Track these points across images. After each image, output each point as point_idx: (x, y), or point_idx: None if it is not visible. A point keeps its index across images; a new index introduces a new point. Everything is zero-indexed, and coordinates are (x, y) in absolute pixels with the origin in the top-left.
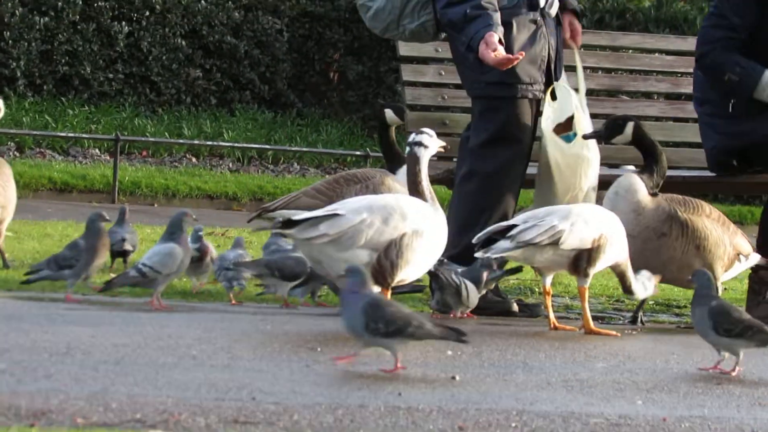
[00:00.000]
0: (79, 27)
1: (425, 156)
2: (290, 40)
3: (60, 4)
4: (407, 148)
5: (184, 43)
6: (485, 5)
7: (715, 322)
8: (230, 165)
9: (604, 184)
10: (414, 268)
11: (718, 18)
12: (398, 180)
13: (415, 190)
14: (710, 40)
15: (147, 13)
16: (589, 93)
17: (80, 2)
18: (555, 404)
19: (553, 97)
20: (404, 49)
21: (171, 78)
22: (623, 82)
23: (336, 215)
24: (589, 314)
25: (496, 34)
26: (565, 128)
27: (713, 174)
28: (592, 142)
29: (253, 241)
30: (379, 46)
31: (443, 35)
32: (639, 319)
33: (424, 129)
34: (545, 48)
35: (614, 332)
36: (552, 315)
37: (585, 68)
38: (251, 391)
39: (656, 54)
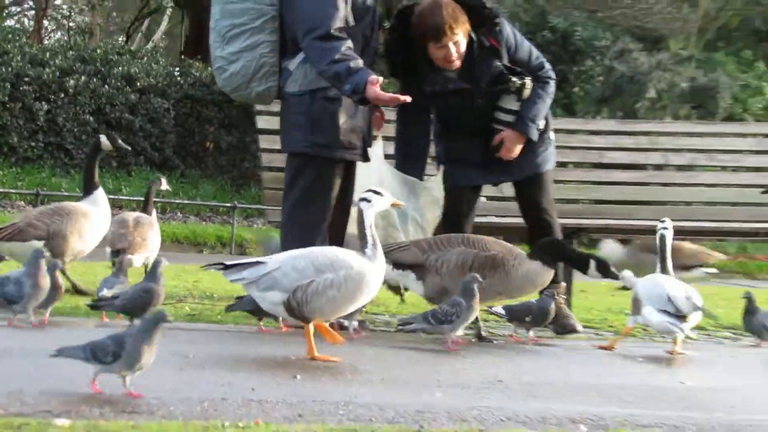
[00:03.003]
0: (7, 105)
1: (368, 210)
2: (175, 117)
3: None
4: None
5: (91, 118)
6: (360, 62)
7: None
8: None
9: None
10: (328, 308)
11: None
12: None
13: (360, 237)
14: None
15: (62, 95)
16: None
17: (9, 86)
18: (374, 397)
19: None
20: (261, 123)
21: (81, 146)
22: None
23: (258, 263)
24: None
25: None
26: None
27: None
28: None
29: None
30: (244, 122)
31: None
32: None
33: (375, 188)
34: (362, 120)
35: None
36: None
37: None
38: (137, 388)
39: None
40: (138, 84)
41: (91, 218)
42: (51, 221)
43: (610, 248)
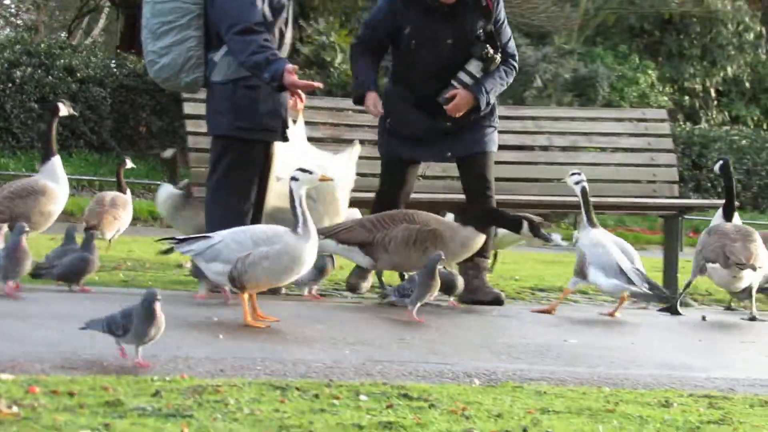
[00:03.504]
0: None
1: (296, 187)
2: (112, 104)
3: None
4: None
5: (36, 106)
6: (278, 53)
7: None
8: (70, 191)
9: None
10: (263, 278)
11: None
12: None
13: (293, 215)
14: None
15: (10, 85)
16: (319, 140)
17: None
18: (288, 354)
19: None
20: (188, 109)
21: (27, 131)
22: (342, 132)
23: (205, 237)
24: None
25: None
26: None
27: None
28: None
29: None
30: (174, 108)
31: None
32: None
33: (304, 167)
34: (280, 105)
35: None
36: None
37: (315, 123)
38: (75, 348)
39: (367, 114)
40: (78, 75)
41: (50, 194)
42: (13, 204)
43: None
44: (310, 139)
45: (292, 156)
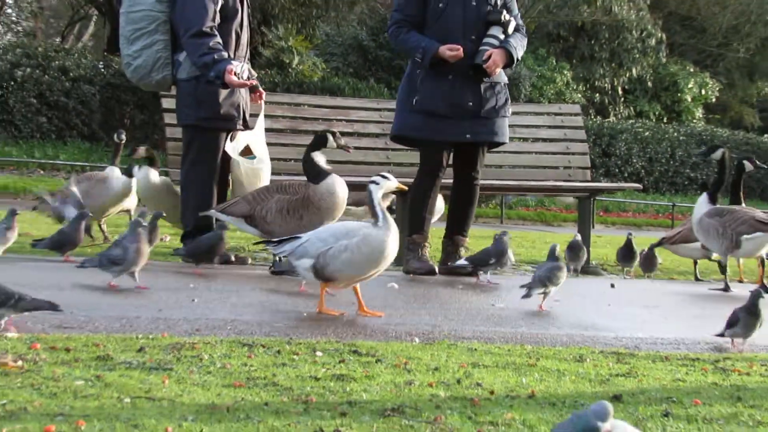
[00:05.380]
0: None
1: (375, 190)
2: (101, 100)
3: None
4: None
5: (35, 101)
6: (224, 54)
7: None
8: (64, 175)
9: None
10: (345, 269)
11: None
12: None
13: (372, 214)
14: (395, 35)
15: (12, 83)
16: (279, 131)
17: None
18: (254, 316)
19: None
20: (166, 104)
21: (27, 123)
22: (299, 124)
23: (295, 238)
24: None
25: (235, 68)
26: (247, 153)
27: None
28: (267, 163)
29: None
30: (154, 104)
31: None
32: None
33: (383, 173)
34: (239, 98)
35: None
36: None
37: (275, 116)
38: (71, 307)
39: (320, 108)
40: (71, 74)
41: (109, 183)
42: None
43: None
44: (271, 130)
45: (252, 142)
